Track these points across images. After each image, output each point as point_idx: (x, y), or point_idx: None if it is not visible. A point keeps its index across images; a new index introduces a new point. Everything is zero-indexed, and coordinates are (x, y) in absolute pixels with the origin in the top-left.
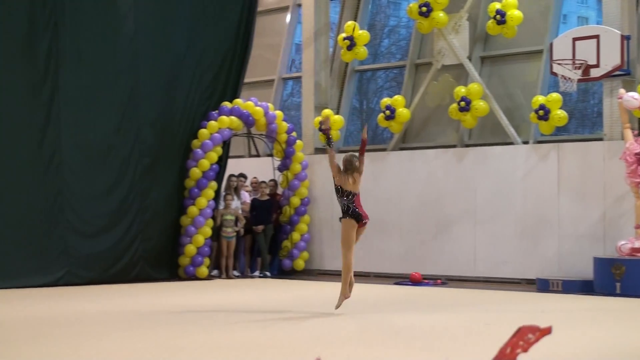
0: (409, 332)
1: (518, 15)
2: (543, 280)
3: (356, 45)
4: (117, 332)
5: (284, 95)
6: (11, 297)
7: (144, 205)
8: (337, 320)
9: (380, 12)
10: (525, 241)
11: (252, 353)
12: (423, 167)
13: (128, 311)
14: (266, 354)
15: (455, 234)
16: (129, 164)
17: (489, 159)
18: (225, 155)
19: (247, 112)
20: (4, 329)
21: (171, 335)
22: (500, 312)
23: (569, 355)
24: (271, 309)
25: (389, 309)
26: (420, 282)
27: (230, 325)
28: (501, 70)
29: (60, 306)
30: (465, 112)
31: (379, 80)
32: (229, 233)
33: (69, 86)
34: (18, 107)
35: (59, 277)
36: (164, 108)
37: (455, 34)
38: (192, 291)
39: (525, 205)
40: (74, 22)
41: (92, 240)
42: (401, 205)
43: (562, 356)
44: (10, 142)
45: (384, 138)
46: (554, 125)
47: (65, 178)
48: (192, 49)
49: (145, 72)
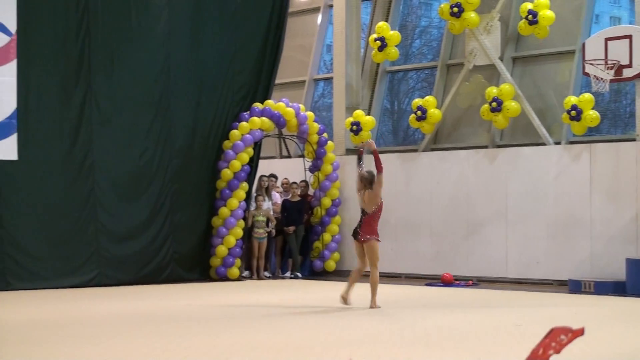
0: (439, 333)
1: (550, 15)
2: (575, 282)
3: (387, 46)
4: (149, 332)
5: (315, 96)
6: (44, 298)
7: (175, 207)
8: (368, 320)
9: (412, 12)
10: (557, 242)
11: (282, 353)
12: (454, 167)
13: (160, 312)
14: (297, 354)
15: (487, 235)
16: (160, 165)
17: (521, 159)
18: (256, 156)
19: (278, 113)
20: (37, 329)
21: (207, 335)
22: (532, 313)
23: (601, 357)
24: (302, 309)
25: (420, 309)
26: (451, 283)
27: (261, 325)
28: (533, 71)
29: (92, 307)
30: (496, 112)
31: (410, 81)
32: (260, 234)
33: (101, 88)
34: (51, 109)
35: (90, 278)
36: (196, 109)
37: (487, 35)
38: (224, 292)
39: (557, 206)
40: (106, 24)
41: (123, 242)
42: (432, 206)
43: (594, 358)
44: (43, 144)
45: (415, 139)
46: (586, 125)
47: (96, 180)
48: (223, 51)
49: (177, 73)
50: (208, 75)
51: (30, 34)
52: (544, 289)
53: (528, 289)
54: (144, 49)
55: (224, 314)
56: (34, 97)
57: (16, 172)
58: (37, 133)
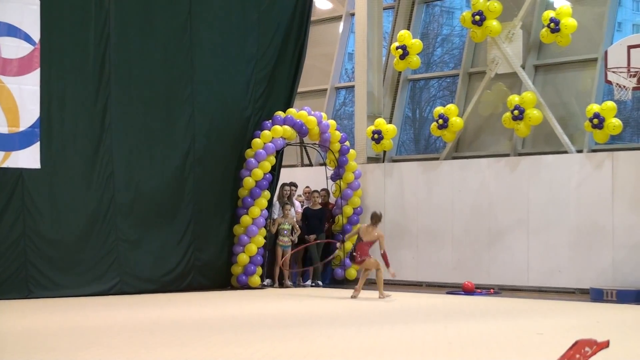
0: (461, 342)
1: (572, 23)
2: (597, 290)
3: (409, 54)
4: (173, 342)
5: (336, 105)
6: (66, 306)
7: (197, 215)
8: (389, 329)
9: (434, 21)
10: (579, 251)
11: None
12: (476, 176)
13: (186, 320)
14: None
15: (508, 244)
16: (182, 173)
17: (543, 168)
18: (278, 165)
19: (300, 122)
20: (58, 337)
21: (233, 344)
22: (554, 322)
23: None
24: (323, 318)
25: (441, 318)
26: (472, 292)
27: (284, 335)
28: (555, 79)
29: (114, 315)
30: (518, 120)
31: (432, 89)
32: (285, 242)
33: (122, 96)
34: (73, 118)
35: (111, 286)
36: (218, 118)
37: (509, 43)
38: (247, 300)
39: (579, 215)
40: (128, 33)
41: (144, 250)
42: (454, 214)
43: None
44: (66, 153)
45: (437, 147)
46: (608, 133)
47: (117, 188)
48: (246, 59)
49: (199, 81)
50: (230, 84)
51: (53, 43)
52: (566, 298)
53: (550, 297)
54: (166, 57)
55: (251, 323)
56: (56, 106)
57: (39, 180)
58: (60, 142)
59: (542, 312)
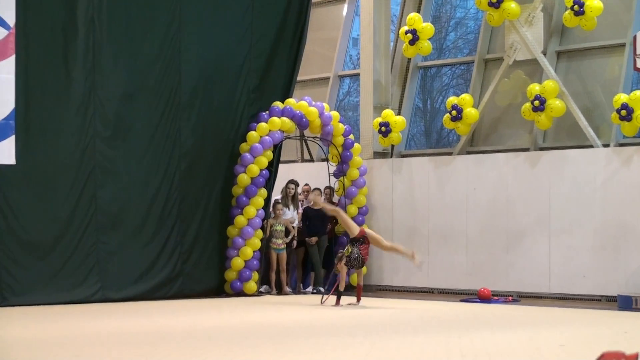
0: (476, 354)
1: (598, 5)
2: (625, 297)
3: (419, 39)
4: (162, 354)
5: (340, 94)
6: (43, 315)
7: (184, 216)
8: (399, 339)
9: (446, 2)
10: (605, 254)
11: None
12: (492, 172)
13: (177, 330)
14: None
15: (528, 246)
16: (167, 168)
17: (566, 163)
18: (276, 160)
19: (300, 113)
20: (33, 350)
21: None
22: (578, 333)
23: None
24: (325, 328)
25: (455, 328)
26: (489, 299)
27: (284, 346)
28: (579, 66)
29: (96, 325)
30: (539, 112)
31: (445, 77)
32: (278, 245)
33: (106, 85)
34: (52, 109)
35: (92, 292)
36: (208, 108)
37: (529, 27)
38: (242, 308)
39: (606, 215)
40: (112, 17)
41: (127, 254)
42: (468, 214)
43: None
44: (44, 147)
45: (450, 141)
46: (637, 126)
47: (99, 185)
48: (239, 44)
49: (187, 70)
50: (222, 72)
51: (30, 27)
52: (591, 306)
53: (573, 305)
54: (151, 44)
55: (247, 333)
56: (34, 96)
57: (14, 177)
58: (37, 135)
59: (565, 321)
